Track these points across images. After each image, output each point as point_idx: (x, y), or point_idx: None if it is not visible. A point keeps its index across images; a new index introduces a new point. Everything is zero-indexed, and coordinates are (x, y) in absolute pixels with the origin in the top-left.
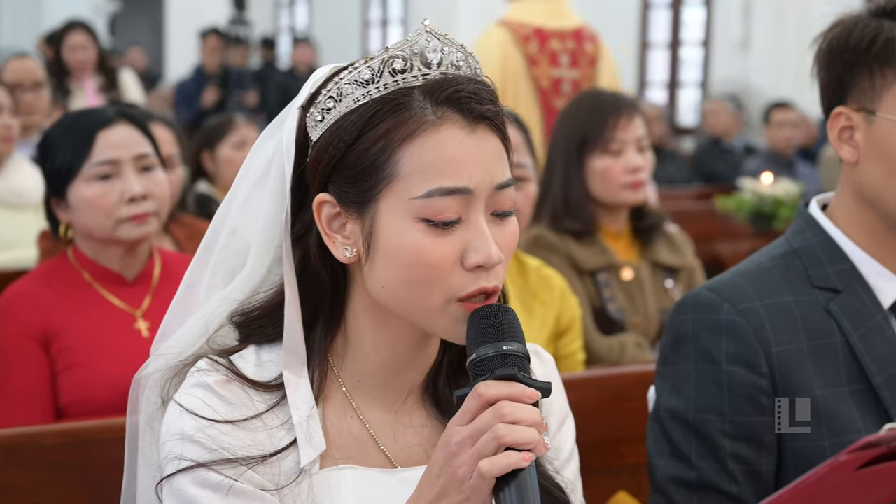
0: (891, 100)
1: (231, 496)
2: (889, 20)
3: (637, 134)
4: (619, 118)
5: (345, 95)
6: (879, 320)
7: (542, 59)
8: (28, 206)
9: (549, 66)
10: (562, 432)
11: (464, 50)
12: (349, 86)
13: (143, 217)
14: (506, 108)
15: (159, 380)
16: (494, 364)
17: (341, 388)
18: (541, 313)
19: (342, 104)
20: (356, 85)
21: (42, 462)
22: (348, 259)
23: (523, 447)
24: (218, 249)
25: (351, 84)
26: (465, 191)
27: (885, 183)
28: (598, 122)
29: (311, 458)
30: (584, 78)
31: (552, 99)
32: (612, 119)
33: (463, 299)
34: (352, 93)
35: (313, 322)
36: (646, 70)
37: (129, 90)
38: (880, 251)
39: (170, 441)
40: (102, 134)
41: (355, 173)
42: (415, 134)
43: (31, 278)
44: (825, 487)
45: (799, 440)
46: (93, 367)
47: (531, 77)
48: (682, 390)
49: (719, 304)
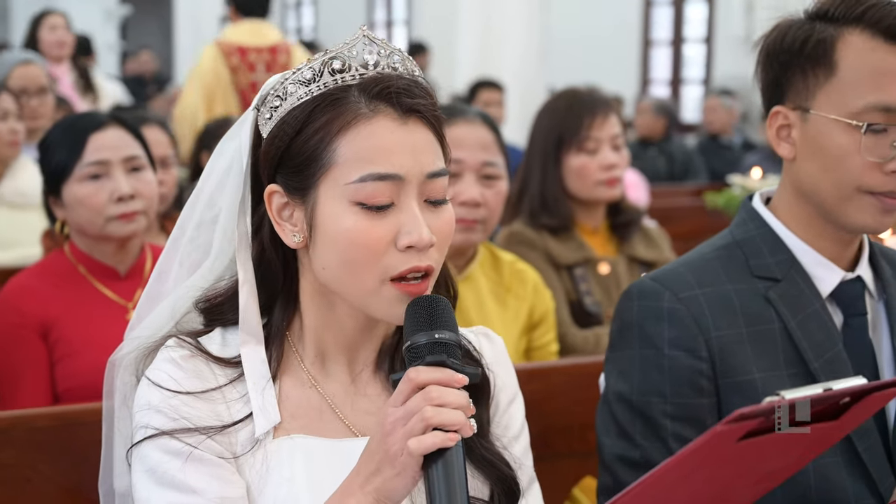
0: (823, 98)
1: (190, 462)
2: (821, 22)
3: (612, 132)
4: (595, 117)
5: (289, 94)
6: (817, 307)
7: (242, 68)
8: (33, 207)
9: (248, 72)
10: (511, 409)
11: (401, 53)
12: (293, 85)
13: (130, 216)
14: (477, 109)
15: (133, 360)
16: (426, 351)
17: (301, 363)
18: (514, 306)
19: (287, 102)
20: (299, 84)
21: (34, 442)
22: (296, 244)
23: (450, 428)
24: (184, 243)
25: (294, 83)
26: (395, 177)
27: (820, 177)
28: (574, 121)
29: (264, 429)
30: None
31: (249, 97)
32: (588, 119)
33: (395, 279)
34: (295, 91)
35: (272, 305)
36: (648, 68)
37: (108, 97)
38: (818, 242)
39: (139, 412)
40: (94, 136)
41: (298, 163)
42: (350, 125)
43: (29, 273)
44: (708, 457)
45: None
46: (87, 355)
47: (233, 81)
48: (627, 374)
49: (661, 293)
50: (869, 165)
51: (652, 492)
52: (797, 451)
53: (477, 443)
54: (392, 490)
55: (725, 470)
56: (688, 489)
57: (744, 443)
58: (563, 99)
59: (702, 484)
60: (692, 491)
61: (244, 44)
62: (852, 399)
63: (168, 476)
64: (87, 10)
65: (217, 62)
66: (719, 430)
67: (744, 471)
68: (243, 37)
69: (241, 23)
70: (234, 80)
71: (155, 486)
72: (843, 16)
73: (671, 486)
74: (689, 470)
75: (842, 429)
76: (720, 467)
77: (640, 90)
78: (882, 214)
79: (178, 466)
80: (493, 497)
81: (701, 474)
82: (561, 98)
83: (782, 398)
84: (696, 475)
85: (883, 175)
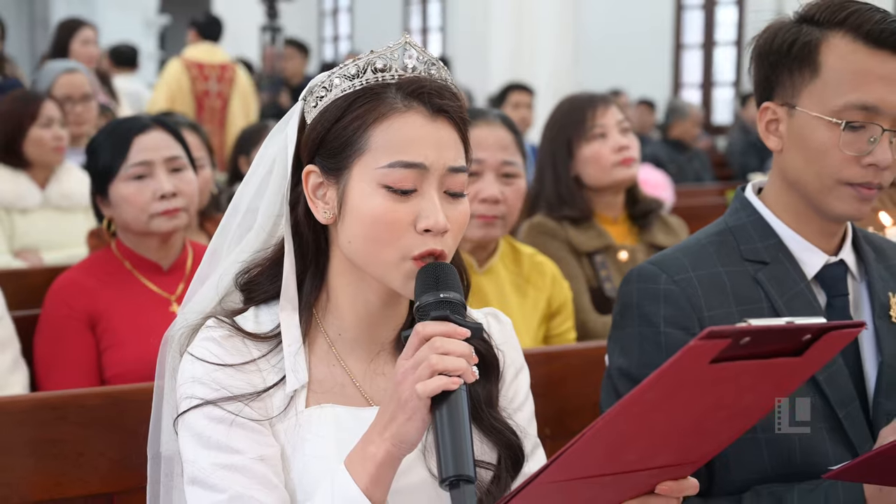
0: (807, 96)
1: (234, 427)
2: (807, 25)
3: (616, 118)
4: (596, 108)
5: (335, 86)
6: (803, 287)
7: (199, 79)
8: (78, 209)
9: (203, 82)
10: (517, 381)
11: (437, 61)
12: (338, 79)
13: (172, 212)
14: (497, 111)
15: (179, 337)
16: (432, 308)
17: (326, 339)
18: (533, 296)
19: (332, 93)
20: (344, 78)
21: (85, 419)
22: (326, 220)
23: (453, 373)
24: (234, 227)
25: (340, 77)
26: (420, 166)
27: (804, 169)
28: (578, 116)
29: (294, 386)
30: (223, 88)
31: (203, 101)
32: (590, 110)
33: (415, 258)
34: (340, 84)
35: (301, 280)
36: (680, 72)
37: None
38: (804, 228)
39: (184, 384)
40: (138, 139)
41: (336, 146)
42: (385, 116)
43: (77, 268)
44: (683, 378)
45: None
46: (133, 345)
47: (191, 89)
48: (627, 351)
49: (658, 275)
50: (848, 159)
51: (632, 414)
52: (766, 387)
53: (487, 413)
54: (406, 433)
55: (700, 398)
56: (666, 415)
57: (715, 366)
58: (563, 105)
59: (679, 410)
60: (670, 418)
61: (201, 61)
62: (813, 336)
63: (213, 440)
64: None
65: (180, 73)
66: (692, 345)
67: (717, 400)
68: (201, 55)
69: (199, 44)
70: (192, 88)
71: (202, 448)
72: (828, 20)
73: (650, 409)
74: (665, 391)
75: (805, 367)
76: (695, 393)
77: (672, 93)
78: (860, 203)
79: (221, 431)
80: (500, 461)
81: (677, 398)
82: (561, 105)
83: (749, 324)
84: (672, 399)
85: (860, 168)
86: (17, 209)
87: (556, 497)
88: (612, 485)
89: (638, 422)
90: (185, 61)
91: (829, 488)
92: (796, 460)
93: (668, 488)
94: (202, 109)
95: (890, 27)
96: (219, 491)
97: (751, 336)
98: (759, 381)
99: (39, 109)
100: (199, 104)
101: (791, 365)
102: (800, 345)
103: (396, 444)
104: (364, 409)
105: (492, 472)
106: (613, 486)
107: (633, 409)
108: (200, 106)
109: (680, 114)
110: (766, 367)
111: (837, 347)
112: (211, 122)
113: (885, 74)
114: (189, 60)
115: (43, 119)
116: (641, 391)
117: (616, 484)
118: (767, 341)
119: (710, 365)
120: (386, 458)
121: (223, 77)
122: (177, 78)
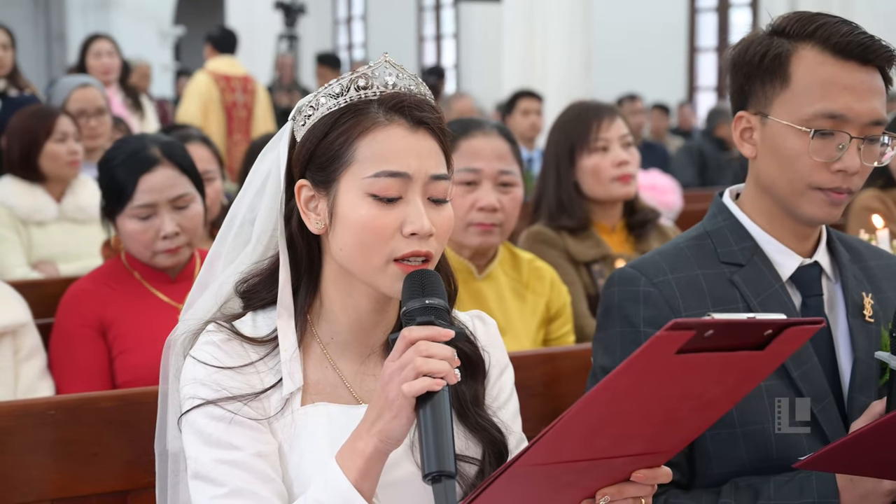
0: (778, 105)
1: (233, 425)
2: (779, 38)
3: (620, 132)
4: (602, 120)
5: (321, 105)
6: (777, 288)
7: (227, 90)
8: (92, 221)
9: (231, 93)
10: (502, 379)
11: (416, 78)
12: (324, 98)
13: (175, 250)
14: (494, 121)
15: (182, 341)
16: (418, 314)
17: (319, 343)
18: (532, 301)
19: (318, 111)
20: (329, 97)
21: (99, 420)
22: (318, 230)
23: (437, 375)
24: (230, 239)
25: (325, 96)
26: (404, 175)
27: (777, 175)
28: (583, 126)
29: (290, 389)
30: (248, 99)
31: (232, 112)
32: (595, 122)
33: (399, 259)
34: (325, 102)
35: (296, 288)
36: (695, 75)
37: (150, 122)
38: (779, 232)
39: (186, 385)
40: (144, 179)
41: (324, 161)
42: (369, 130)
43: (89, 277)
44: (651, 368)
45: None
46: (142, 351)
47: (220, 100)
48: (610, 350)
49: (637, 278)
50: (818, 165)
51: (604, 400)
52: (731, 379)
53: (473, 411)
54: (391, 430)
55: (668, 387)
56: (636, 403)
57: (681, 357)
58: (571, 111)
59: (648, 399)
60: (640, 406)
61: (226, 73)
62: (775, 331)
63: (214, 437)
64: (142, 31)
65: (210, 85)
66: (658, 336)
67: (685, 391)
68: (225, 67)
69: (219, 58)
70: (221, 100)
71: (203, 445)
72: (798, 33)
73: (621, 396)
74: (634, 379)
75: (768, 361)
76: (663, 382)
77: (687, 97)
78: (830, 207)
79: (222, 429)
80: (485, 457)
81: (646, 387)
82: (569, 111)
83: (713, 317)
84: (641, 387)
85: (830, 174)
86: (34, 222)
87: (538, 479)
88: (589, 470)
89: (610, 408)
90: (212, 74)
91: (803, 480)
92: (773, 454)
93: (643, 475)
94: (232, 120)
95: (856, 39)
96: (220, 485)
97: (714, 329)
98: (725, 374)
99: (54, 124)
100: (230, 115)
101: (754, 358)
102: (762, 339)
103: (383, 440)
104: (354, 406)
105: (476, 467)
106: (591, 471)
107: (604, 396)
108: (230, 117)
109: (725, 116)
110: (730, 359)
111: (799, 342)
112: (238, 133)
113: (852, 84)
114: (215, 73)
115: (58, 134)
116: (612, 378)
117: (593, 469)
118: (731, 335)
119: (677, 356)
120: (374, 453)
121: (247, 88)
122: (208, 90)
